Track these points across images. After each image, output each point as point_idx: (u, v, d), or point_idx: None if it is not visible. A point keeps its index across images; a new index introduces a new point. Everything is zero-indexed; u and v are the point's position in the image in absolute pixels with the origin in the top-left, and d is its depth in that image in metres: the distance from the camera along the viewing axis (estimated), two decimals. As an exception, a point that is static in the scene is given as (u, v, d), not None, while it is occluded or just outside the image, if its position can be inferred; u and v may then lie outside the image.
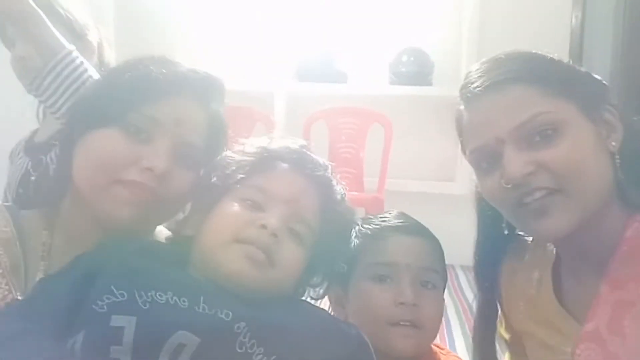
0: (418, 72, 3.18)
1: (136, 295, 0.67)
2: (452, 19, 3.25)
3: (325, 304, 0.95)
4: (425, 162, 3.30)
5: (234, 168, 0.79)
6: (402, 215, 0.95)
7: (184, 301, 0.68)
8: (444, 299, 0.92)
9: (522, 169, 0.76)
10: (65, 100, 1.06)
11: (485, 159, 0.81)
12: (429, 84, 3.21)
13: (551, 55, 0.84)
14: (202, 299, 0.68)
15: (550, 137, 0.77)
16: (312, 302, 0.84)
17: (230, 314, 0.67)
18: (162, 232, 0.92)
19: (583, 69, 0.84)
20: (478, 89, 0.80)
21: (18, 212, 0.88)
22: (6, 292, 0.77)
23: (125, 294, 0.67)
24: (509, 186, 0.77)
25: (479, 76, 0.82)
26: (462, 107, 0.85)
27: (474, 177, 0.87)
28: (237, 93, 0.94)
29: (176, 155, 0.81)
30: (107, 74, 0.90)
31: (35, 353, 0.63)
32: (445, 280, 0.94)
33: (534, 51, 0.84)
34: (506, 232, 0.88)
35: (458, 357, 0.97)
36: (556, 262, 0.89)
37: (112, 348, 0.63)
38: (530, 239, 0.95)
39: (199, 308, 0.67)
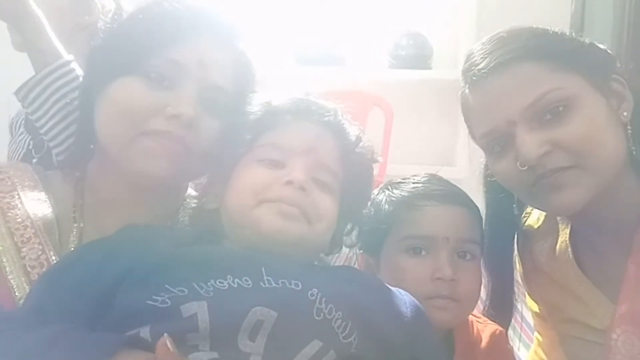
0: (417, 55, 3.15)
1: (196, 287, 0.63)
2: (450, 4, 3.21)
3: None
4: (425, 147, 3.27)
5: (244, 129, 0.77)
6: (435, 180, 0.89)
7: (246, 280, 0.65)
8: (480, 269, 0.88)
9: (538, 150, 0.74)
10: (51, 119, 0.93)
11: (497, 142, 0.79)
12: (429, 67, 3.17)
13: (554, 29, 0.81)
14: (264, 271, 0.65)
15: (562, 114, 0.74)
16: (346, 250, 0.82)
17: (300, 283, 0.65)
18: (192, 192, 0.88)
19: (587, 40, 0.82)
20: (483, 70, 0.78)
21: (45, 173, 0.85)
22: (39, 252, 0.74)
23: (184, 289, 0.63)
24: (524, 168, 0.75)
25: (483, 57, 0.79)
26: (466, 90, 0.82)
27: (481, 160, 0.85)
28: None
29: (203, 100, 0.77)
30: (121, 20, 0.84)
31: (89, 347, 0.59)
32: (481, 246, 0.88)
33: (536, 26, 0.82)
34: (516, 212, 0.86)
35: (496, 324, 0.94)
36: (571, 233, 0.87)
37: (188, 335, 0.60)
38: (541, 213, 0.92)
39: (264, 283, 0.65)
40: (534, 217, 0.95)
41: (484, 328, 0.93)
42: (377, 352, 0.66)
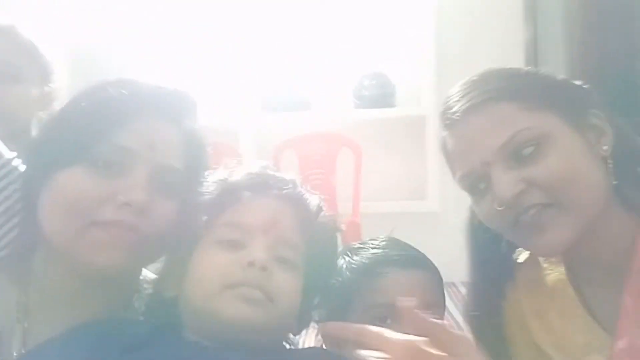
0: (380, 94, 3.22)
1: None
2: (409, 41, 3.30)
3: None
4: (396, 182, 3.31)
5: (199, 211, 0.74)
6: (394, 244, 0.87)
7: None
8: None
9: (512, 189, 0.74)
10: None
11: (476, 183, 0.79)
12: (392, 105, 3.24)
13: (526, 69, 0.82)
14: None
15: (536, 152, 0.74)
16: (316, 325, 0.78)
17: None
18: (148, 275, 0.84)
19: (561, 77, 0.82)
20: (457, 113, 0.78)
21: None
22: None
23: None
24: (501, 208, 0.75)
25: (456, 100, 0.79)
26: (444, 133, 0.82)
27: (453, 194, 0.84)
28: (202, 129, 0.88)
29: (155, 183, 0.73)
30: (63, 107, 0.78)
31: None
32: (445, 309, 0.86)
33: (507, 67, 0.82)
34: (504, 250, 0.85)
35: None
36: (566, 268, 0.85)
37: None
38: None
39: None
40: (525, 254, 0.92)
41: None
42: None
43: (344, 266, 0.83)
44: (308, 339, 0.86)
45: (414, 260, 0.84)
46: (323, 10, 3.31)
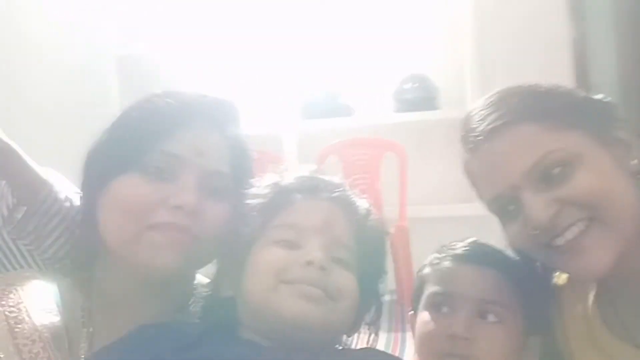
0: (423, 97, 3.18)
1: None
2: (451, 41, 3.26)
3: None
4: (441, 185, 3.26)
5: (254, 214, 0.76)
6: (474, 243, 0.89)
7: None
8: (513, 334, 0.83)
9: (546, 212, 0.72)
10: (55, 239, 0.89)
11: (505, 207, 0.77)
12: (435, 108, 3.20)
13: (549, 85, 0.79)
14: None
15: (566, 172, 0.72)
16: (367, 327, 0.80)
17: None
18: (202, 280, 0.87)
19: (582, 94, 0.79)
20: (479, 137, 0.76)
21: (53, 278, 0.84)
22: None
23: None
24: (535, 232, 0.73)
25: (478, 122, 0.77)
26: (467, 156, 0.81)
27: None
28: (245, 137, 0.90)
29: (204, 187, 0.77)
30: (115, 120, 0.83)
31: None
32: (512, 309, 0.84)
33: (529, 84, 0.80)
34: (540, 273, 0.84)
35: None
36: (600, 286, 0.83)
37: None
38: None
39: None
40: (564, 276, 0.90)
41: None
42: None
43: (428, 262, 0.90)
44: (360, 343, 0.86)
45: (480, 257, 0.85)
46: (363, 13, 3.30)
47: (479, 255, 0.86)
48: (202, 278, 0.88)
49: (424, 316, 0.85)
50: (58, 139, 2.56)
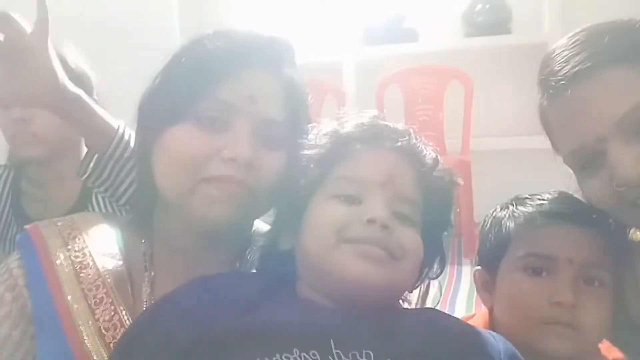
0: (495, 20, 2.96)
1: None
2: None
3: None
4: (510, 117, 3.07)
5: (314, 163, 0.72)
6: (564, 197, 0.83)
7: (314, 354, 0.60)
8: (611, 299, 0.79)
9: (636, 167, 0.66)
10: (129, 184, 0.94)
11: (587, 160, 0.71)
12: (508, 32, 2.97)
13: (629, 21, 0.71)
14: (332, 344, 0.60)
15: None
16: (431, 281, 0.77)
17: (372, 354, 0.59)
18: (261, 227, 0.87)
19: None
20: (562, 81, 0.69)
21: (115, 222, 0.86)
22: (112, 313, 0.74)
23: None
24: (622, 189, 0.67)
25: (561, 64, 0.70)
26: (545, 102, 0.74)
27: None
28: (303, 65, 0.84)
29: (258, 137, 0.74)
30: (165, 65, 0.81)
31: None
32: (610, 271, 0.80)
33: (622, 21, 0.71)
34: (613, 227, 0.79)
35: (620, 352, 0.84)
36: None
37: None
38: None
39: (332, 357, 0.59)
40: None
41: (608, 354, 0.83)
42: None
43: (507, 215, 0.83)
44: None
45: (582, 216, 0.79)
46: None
47: (577, 212, 0.79)
48: (262, 225, 0.88)
49: (518, 280, 0.79)
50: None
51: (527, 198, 0.84)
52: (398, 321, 0.65)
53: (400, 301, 0.76)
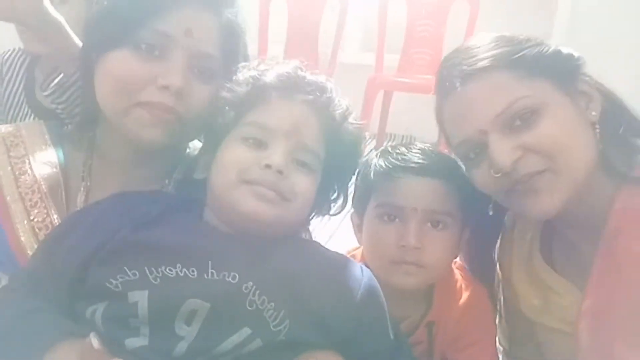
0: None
1: (147, 272, 0.70)
2: None
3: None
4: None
5: (230, 106, 0.79)
6: (421, 152, 0.93)
7: (192, 271, 0.71)
8: (455, 238, 0.92)
9: (510, 156, 0.78)
10: (72, 104, 0.98)
11: (472, 151, 0.83)
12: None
13: (520, 37, 0.83)
14: (210, 264, 0.71)
15: (531, 119, 0.78)
16: (331, 217, 0.87)
17: (237, 275, 0.71)
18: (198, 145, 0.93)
19: (552, 47, 0.83)
20: (453, 82, 0.81)
21: (60, 131, 0.93)
22: (45, 215, 0.84)
23: (137, 272, 0.70)
24: (498, 175, 0.79)
25: (452, 69, 0.82)
26: (440, 102, 0.85)
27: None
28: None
29: (192, 68, 0.81)
30: None
31: (49, 329, 0.69)
32: (459, 219, 0.91)
33: (501, 34, 0.84)
34: (490, 213, 0.90)
35: (480, 284, 0.98)
36: (543, 226, 0.92)
37: (131, 320, 0.69)
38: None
39: (207, 275, 0.71)
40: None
41: (468, 285, 0.98)
42: (316, 336, 0.72)
43: (372, 167, 0.93)
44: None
45: (429, 169, 0.90)
46: None
47: (429, 167, 0.90)
48: (197, 146, 0.94)
49: (374, 226, 0.92)
50: None
51: (391, 151, 0.94)
52: (273, 250, 0.75)
53: (303, 234, 0.89)
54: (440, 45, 2.85)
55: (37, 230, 0.83)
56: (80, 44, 0.93)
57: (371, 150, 0.93)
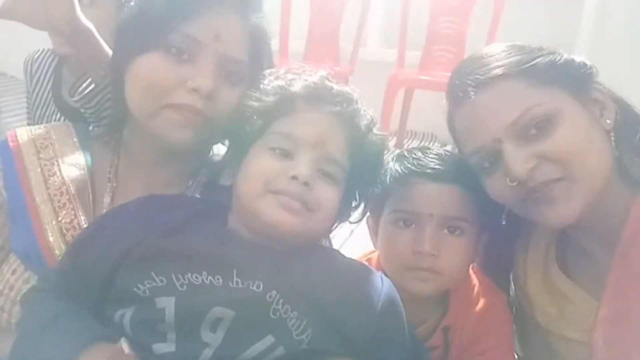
0: None
1: (173, 278, 0.72)
2: None
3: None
4: (539, 35, 2.97)
5: (257, 115, 0.80)
6: (437, 156, 0.92)
7: (218, 279, 0.72)
8: (472, 243, 0.91)
9: (525, 165, 0.78)
10: (109, 114, 1.00)
11: (486, 160, 0.82)
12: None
13: (533, 46, 0.83)
14: (235, 272, 0.72)
15: (546, 127, 0.78)
16: (351, 225, 0.88)
17: (261, 284, 0.71)
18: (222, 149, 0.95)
19: (565, 55, 0.83)
20: (466, 91, 0.81)
21: (88, 132, 0.95)
22: (72, 217, 0.86)
23: (164, 279, 0.72)
24: (514, 184, 0.79)
25: (464, 78, 0.81)
26: (451, 109, 0.85)
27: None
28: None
29: (221, 72, 0.83)
30: None
31: (81, 332, 0.71)
32: (475, 224, 0.91)
33: (515, 43, 0.84)
34: (504, 222, 0.89)
35: (498, 291, 0.97)
36: (559, 234, 0.91)
37: (158, 325, 0.70)
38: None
39: (232, 283, 0.72)
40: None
41: (485, 291, 0.97)
42: (337, 345, 0.73)
43: (388, 171, 0.93)
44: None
45: (445, 174, 0.89)
46: None
47: (445, 173, 0.89)
48: (222, 150, 0.95)
49: (390, 231, 0.91)
50: None
51: (407, 156, 0.93)
52: (296, 259, 0.76)
53: (323, 241, 0.90)
54: (463, 42, 2.81)
55: (64, 231, 0.84)
56: (108, 49, 0.95)
57: (389, 152, 0.92)
